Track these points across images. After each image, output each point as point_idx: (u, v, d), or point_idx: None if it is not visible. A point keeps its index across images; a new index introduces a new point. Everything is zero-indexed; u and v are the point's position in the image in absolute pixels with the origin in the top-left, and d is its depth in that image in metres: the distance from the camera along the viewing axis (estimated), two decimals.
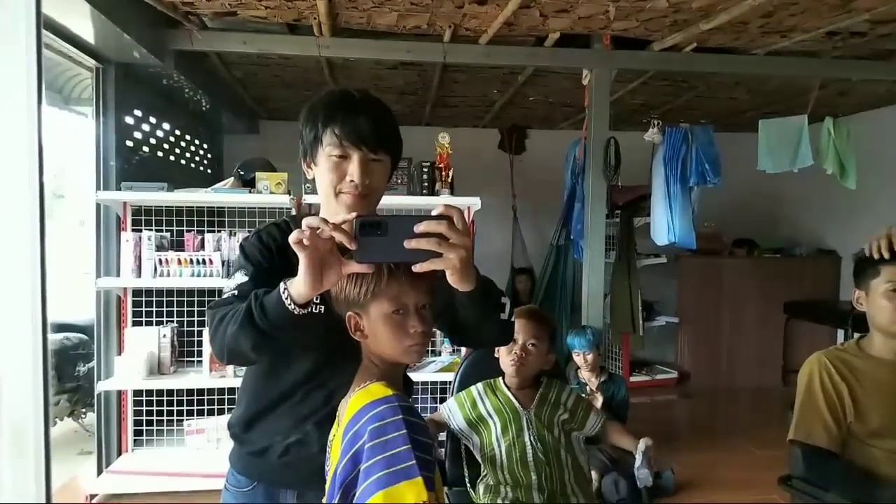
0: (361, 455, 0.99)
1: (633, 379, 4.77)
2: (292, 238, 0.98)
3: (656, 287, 5.06)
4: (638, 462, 1.65)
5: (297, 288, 1.00)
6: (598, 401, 3.02)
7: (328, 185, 1.18)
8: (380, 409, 1.00)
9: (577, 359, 3.17)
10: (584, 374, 3.19)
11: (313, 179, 1.23)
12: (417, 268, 0.99)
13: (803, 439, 1.60)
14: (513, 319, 1.20)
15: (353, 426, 1.02)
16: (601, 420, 1.80)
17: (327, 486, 1.07)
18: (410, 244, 0.97)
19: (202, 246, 2.89)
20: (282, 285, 1.02)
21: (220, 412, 3.05)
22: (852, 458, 1.58)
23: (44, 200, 0.66)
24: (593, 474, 2.75)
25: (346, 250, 1.00)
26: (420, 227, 0.97)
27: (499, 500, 1.59)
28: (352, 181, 1.16)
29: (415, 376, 2.93)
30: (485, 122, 5.10)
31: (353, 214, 1.01)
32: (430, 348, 3.41)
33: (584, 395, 2.84)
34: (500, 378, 1.80)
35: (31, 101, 0.63)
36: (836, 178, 3.60)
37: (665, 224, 3.46)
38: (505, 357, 1.75)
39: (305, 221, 1.00)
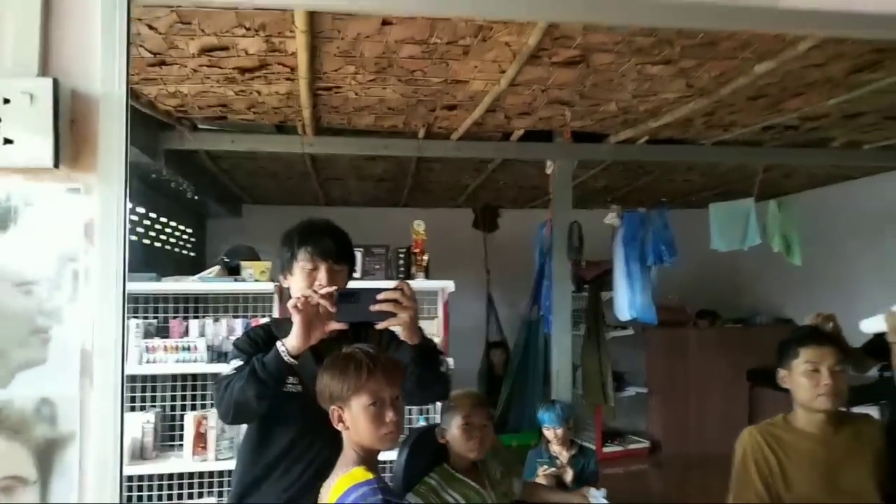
0: None
1: (605, 450, 4.87)
2: (290, 304, 1.36)
3: (626, 358, 5.24)
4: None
5: (290, 342, 1.36)
6: (569, 474, 3.11)
7: (300, 290, 1.48)
8: (362, 490, 1.19)
9: (548, 433, 3.27)
10: (555, 448, 3.29)
11: (288, 288, 1.56)
12: (380, 325, 1.38)
13: None
14: (449, 373, 1.54)
15: None
16: (521, 482, 1.99)
17: None
18: (374, 308, 1.36)
19: (187, 332, 3.01)
20: (278, 343, 1.38)
21: (200, 495, 3.09)
22: None
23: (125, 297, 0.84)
24: None
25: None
26: (381, 296, 1.36)
27: None
28: (320, 285, 1.47)
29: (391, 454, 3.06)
30: (459, 203, 5.36)
31: (335, 287, 1.40)
32: (406, 425, 3.51)
33: (554, 468, 2.97)
34: (444, 465, 1.92)
35: (121, 206, 0.84)
36: (784, 256, 3.88)
37: (626, 301, 3.68)
38: (465, 441, 1.86)
39: (302, 293, 1.38)
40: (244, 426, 1.69)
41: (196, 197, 3.94)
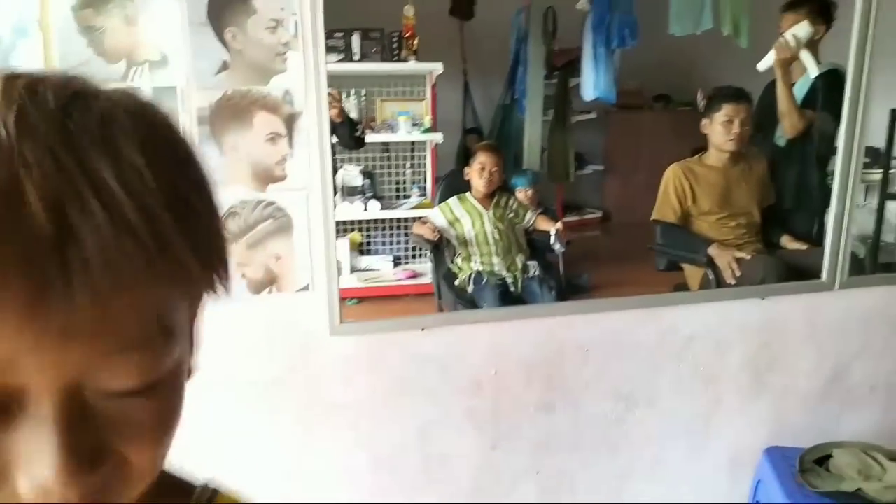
0: None
1: (565, 219, 5.68)
2: None
3: (588, 140, 5.85)
4: (552, 238, 2.65)
5: None
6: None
7: None
8: None
9: (519, 195, 3.96)
10: None
11: None
12: None
13: (659, 218, 2.53)
14: (362, 136, 2.71)
15: None
16: (534, 216, 2.78)
17: None
18: None
19: None
20: None
21: None
22: (689, 227, 2.53)
23: None
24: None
25: None
26: None
27: (472, 264, 2.56)
28: None
29: (390, 213, 3.82)
30: None
31: None
32: (402, 192, 4.19)
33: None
34: (468, 192, 2.90)
35: None
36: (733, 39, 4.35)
37: (591, 82, 4.19)
38: (477, 179, 2.70)
39: None
40: None
41: None
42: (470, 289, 2.74)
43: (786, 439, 2.02)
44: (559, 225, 2.88)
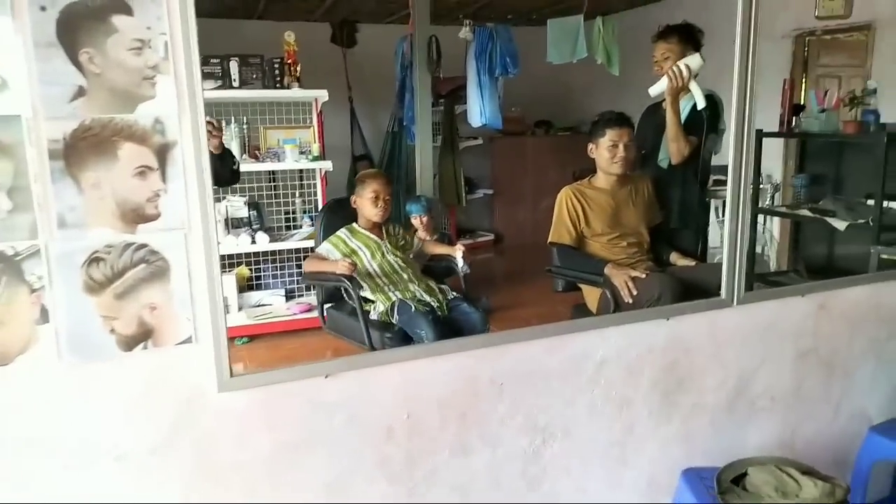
0: None
1: (460, 242, 5.70)
2: None
3: (476, 165, 5.95)
4: (460, 261, 2.60)
5: None
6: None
7: None
8: None
9: (415, 222, 3.90)
10: (421, 234, 3.96)
11: None
12: None
13: (556, 241, 2.55)
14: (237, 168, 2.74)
15: None
16: (420, 243, 2.75)
17: None
18: None
19: None
20: None
21: None
22: (584, 248, 2.56)
23: None
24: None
25: None
26: None
27: (391, 295, 2.46)
28: None
29: (280, 245, 3.65)
30: (316, 17, 5.41)
31: None
32: (293, 223, 4.00)
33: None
34: (354, 224, 2.75)
35: None
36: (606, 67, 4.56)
37: (478, 109, 4.24)
38: (371, 208, 2.61)
39: None
40: None
41: None
42: (395, 319, 2.56)
43: (699, 457, 2.05)
44: (461, 247, 2.84)
